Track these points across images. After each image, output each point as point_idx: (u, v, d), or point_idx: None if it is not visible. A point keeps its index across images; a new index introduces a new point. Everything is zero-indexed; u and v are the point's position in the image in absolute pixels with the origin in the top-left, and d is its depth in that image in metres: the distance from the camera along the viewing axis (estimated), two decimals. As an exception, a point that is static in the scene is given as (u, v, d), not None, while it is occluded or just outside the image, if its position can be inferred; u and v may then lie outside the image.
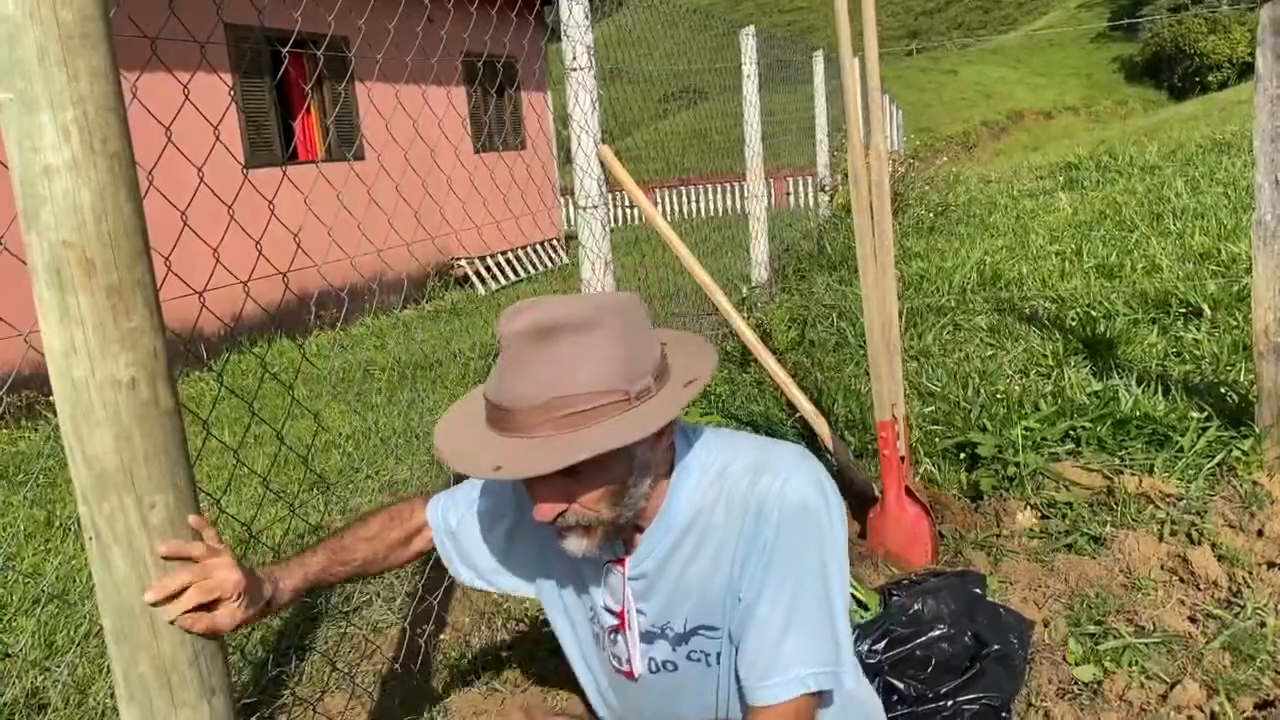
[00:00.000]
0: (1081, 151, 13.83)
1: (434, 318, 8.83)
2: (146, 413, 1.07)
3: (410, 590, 2.99)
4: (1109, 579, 2.68)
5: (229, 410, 5.76)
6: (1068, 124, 40.37)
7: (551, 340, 1.23)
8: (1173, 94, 42.96)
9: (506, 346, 1.27)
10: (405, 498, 1.77)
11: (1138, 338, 4.42)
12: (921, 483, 3.27)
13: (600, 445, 1.21)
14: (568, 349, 1.23)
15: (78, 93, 0.99)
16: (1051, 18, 60.17)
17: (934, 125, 37.22)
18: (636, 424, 1.24)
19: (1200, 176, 9.05)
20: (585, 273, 3.07)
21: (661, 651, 1.45)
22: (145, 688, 1.13)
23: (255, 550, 3.38)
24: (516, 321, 1.25)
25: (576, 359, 1.23)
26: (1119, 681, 2.26)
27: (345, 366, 6.82)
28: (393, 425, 4.93)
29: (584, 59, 2.87)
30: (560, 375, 1.23)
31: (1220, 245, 5.96)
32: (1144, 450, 3.24)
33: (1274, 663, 2.25)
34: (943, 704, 2.13)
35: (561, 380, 1.23)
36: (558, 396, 1.22)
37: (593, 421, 1.23)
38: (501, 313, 1.29)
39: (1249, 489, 2.96)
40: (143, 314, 1.06)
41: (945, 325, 5.17)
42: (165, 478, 1.10)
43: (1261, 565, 2.65)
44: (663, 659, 1.45)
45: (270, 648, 2.79)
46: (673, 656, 1.44)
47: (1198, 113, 20.06)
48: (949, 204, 10.09)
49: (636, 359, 1.27)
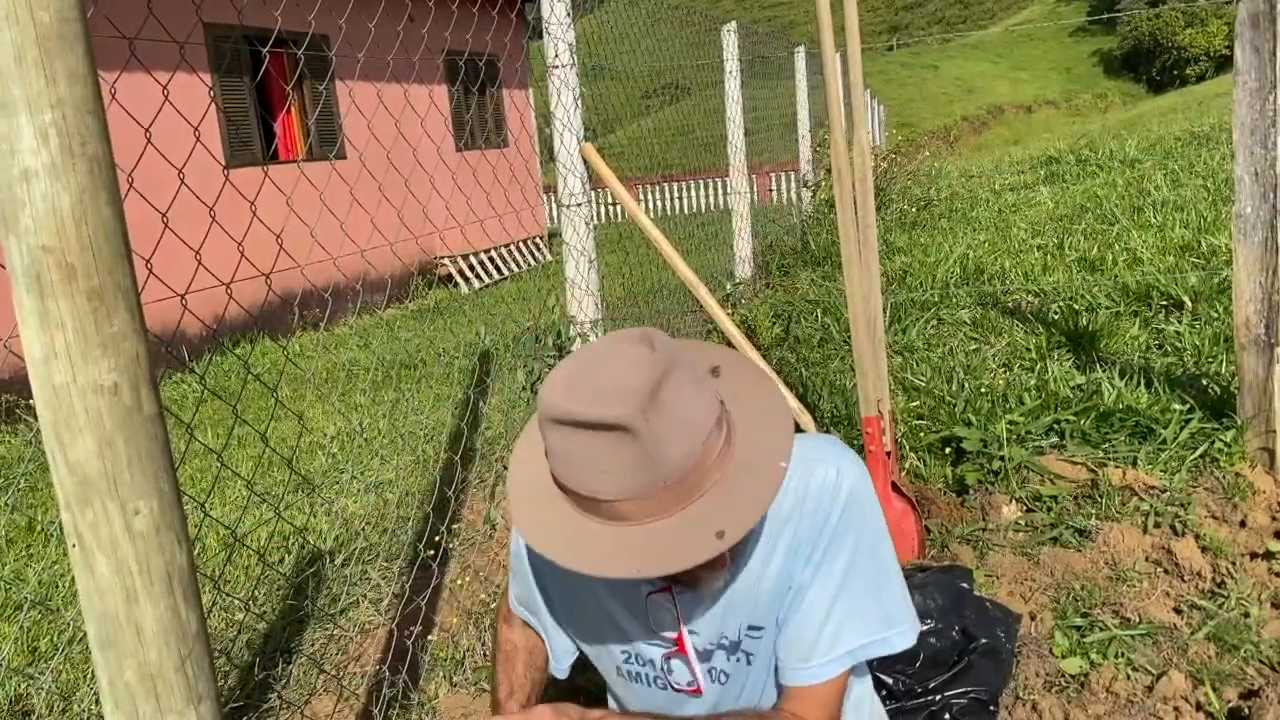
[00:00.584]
0: (1062, 145, 13.90)
1: (418, 317, 8.80)
2: (129, 418, 1.06)
3: (397, 591, 2.98)
4: (1094, 571, 2.69)
5: (212, 412, 5.73)
6: (1048, 118, 40.56)
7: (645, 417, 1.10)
8: (1151, 87, 43.23)
9: (572, 435, 1.13)
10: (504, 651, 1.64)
11: (1120, 331, 4.44)
12: (907, 477, 3.28)
13: (757, 501, 1.13)
14: (659, 423, 1.10)
15: (56, 95, 0.98)
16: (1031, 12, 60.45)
17: (915, 120, 37.33)
18: (771, 447, 1.17)
19: (1180, 169, 9.11)
20: (569, 271, 3.07)
21: (719, 662, 1.43)
22: (131, 695, 1.12)
23: (240, 554, 3.37)
24: (589, 409, 1.10)
25: (666, 428, 1.10)
26: (1105, 673, 2.27)
27: (329, 367, 6.79)
28: (377, 426, 4.91)
29: (566, 56, 2.86)
30: (659, 450, 1.10)
31: (1200, 238, 6.00)
32: (1127, 443, 3.26)
33: (1258, 653, 2.27)
34: (931, 698, 2.14)
35: (663, 454, 1.10)
36: (671, 475, 1.11)
37: (711, 476, 1.14)
38: (552, 395, 1.14)
39: (1231, 480, 2.98)
40: (124, 318, 1.05)
41: (929, 320, 5.18)
42: (149, 483, 1.09)
43: (1244, 556, 2.67)
44: (720, 669, 1.43)
45: (257, 651, 2.77)
46: (726, 666, 1.42)
47: (1176, 106, 20.19)
48: (931, 199, 10.12)
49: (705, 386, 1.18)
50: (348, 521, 3.61)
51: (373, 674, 2.62)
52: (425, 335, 7.54)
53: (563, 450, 1.14)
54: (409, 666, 2.56)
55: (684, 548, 1.12)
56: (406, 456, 4.27)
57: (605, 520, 1.15)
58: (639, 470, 1.10)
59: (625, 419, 1.08)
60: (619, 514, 1.13)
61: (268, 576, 3.21)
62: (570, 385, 1.13)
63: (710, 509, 1.13)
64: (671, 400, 1.11)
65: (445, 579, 3.08)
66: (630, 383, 1.10)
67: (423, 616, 2.75)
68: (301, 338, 8.24)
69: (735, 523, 1.12)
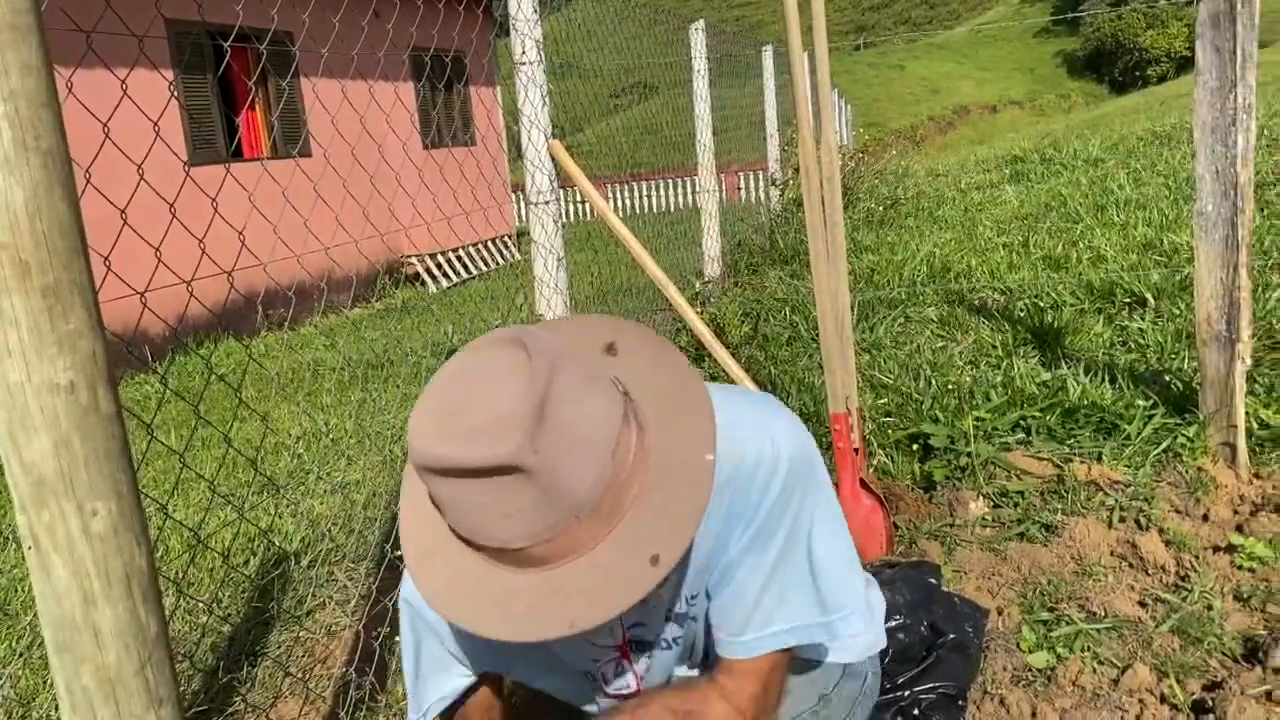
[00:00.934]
0: (1026, 145, 14.03)
1: (384, 316, 8.74)
2: (86, 417, 1.04)
3: (364, 593, 2.96)
4: (1060, 566, 2.72)
5: (175, 413, 5.65)
6: (1012, 118, 40.97)
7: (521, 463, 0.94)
8: (1114, 88, 43.77)
9: (457, 484, 0.97)
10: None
11: (1084, 328, 4.48)
12: (875, 474, 3.30)
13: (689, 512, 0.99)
14: (554, 451, 0.94)
15: (8, 88, 0.96)
16: (995, 13, 61.00)
17: (882, 120, 37.58)
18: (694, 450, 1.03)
19: (1142, 168, 9.22)
20: (538, 269, 3.05)
21: (670, 633, 1.36)
22: (89, 700, 1.10)
23: (204, 555, 3.32)
24: (467, 453, 0.93)
25: (563, 454, 0.95)
26: (1072, 667, 2.29)
27: (295, 367, 6.73)
28: (344, 426, 4.87)
29: (533, 53, 2.85)
30: (560, 483, 0.95)
31: (1163, 235, 6.07)
32: (1092, 438, 3.29)
33: (1221, 645, 2.29)
34: (900, 694, 2.14)
35: (566, 486, 0.95)
36: (583, 506, 0.97)
37: (630, 490, 1.00)
38: (421, 440, 0.97)
39: (1194, 475, 3.02)
40: (81, 316, 1.03)
41: (896, 318, 5.21)
42: (107, 484, 1.07)
43: (1207, 549, 2.70)
44: (670, 638, 1.37)
45: (221, 655, 2.74)
46: (677, 634, 1.36)
47: (1138, 106, 20.45)
48: (898, 197, 10.18)
49: (600, 384, 1.02)
50: (314, 523, 3.58)
51: (339, 676, 2.59)
52: (392, 335, 7.49)
53: (450, 500, 0.98)
54: (376, 668, 2.53)
55: (616, 585, 0.98)
56: (374, 457, 4.24)
57: (520, 568, 0.99)
58: (543, 509, 0.95)
59: (512, 458, 0.92)
60: (534, 560, 0.98)
61: (232, 579, 3.17)
62: (440, 423, 0.96)
63: (637, 531, 0.99)
64: (563, 417, 0.95)
65: (413, 579, 3.05)
66: (509, 408, 0.93)
67: (390, 618, 2.73)
68: (267, 337, 8.15)
69: (668, 542, 0.99)
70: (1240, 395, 2.98)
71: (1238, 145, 2.84)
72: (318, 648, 2.74)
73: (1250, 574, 2.56)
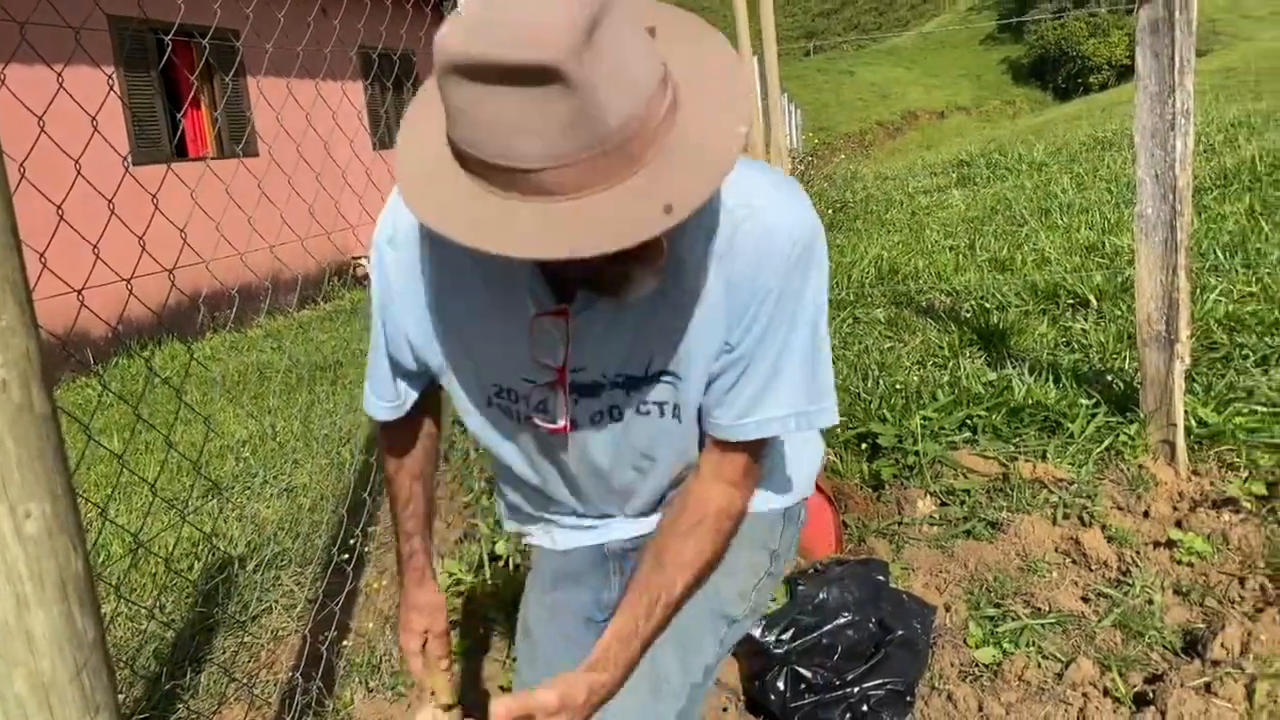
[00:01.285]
0: (973, 150, 14.23)
1: (333, 318, 8.64)
2: (19, 417, 1.01)
3: (311, 596, 2.92)
4: (1006, 563, 2.75)
5: (119, 416, 5.54)
6: (960, 123, 41.52)
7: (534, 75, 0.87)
8: (1057, 95, 44.52)
9: (484, 90, 0.89)
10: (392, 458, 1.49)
11: (1029, 328, 4.55)
12: (824, 473, 3.32)
13: (710, 172, 0.93)
14: (596, 72, 0.88)
15: (-63, 76, 0.93)
16: (943, 19, 61.83)
17: (831, 124, 37.89)
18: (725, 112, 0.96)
19: (1085, 173, 9.39)
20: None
21: (605, 402, 1.27)
22: (23, 706, 1.07)
23: (146, 560, 3.26)
24: (508, 51, 0.86)
25: (604, 78, 0.89)
26: (1017, 662, 2.32)
27: (240, 369, 6.62)
28: (291, 429, 4.80)
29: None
30: (597, 105, 0.89)
31: (1105, 238, 6.19)
32: (1037, 437, 3.34)
33: (1161, 638, 2.34)
34: (849, 690, 2.16)
35: (601, 111, 0.89)
36: (610, 137, 0.91)
37: (655, 144, 0.94)
38: (453, 40, 0.89)
39: (1135, 472, 3.07)
40: (13, 312, 1.00)
41: (845, 319, 5.25)
42: (41, 485, 1.04)
43: (1148, 545, 2.75)
44: (607, 407, 1.28)
45: (164, 661, 2.69)
46: (621, 403, 1.27)
47: (1081, 113, 20.81)
48: (847, 201, 10.27)
49: (646, 38, 0.96)
50: (260, 526, 3.52)
51: (285, 681, 2.56)
52: (341, 336, 7.40)
53: (471, 110, 0.91)
54: (323, 673, 2.50)
55: (626, 222, 0.92)
56: (321, 460, 4.18)
57: (526, 196, 0.94)
58: (572, 129, 0.89)
59: (557, 61, 0.86)
60: (543, 187, 0.93)
61: (175, 584, 3.11)
62: (478, 25, 0.88)
63: (655, 182, 0.94)
64: (609, 46, 0.90)
65: (360, 583, 3.02)
66: (558, 20, 0.87)
67: (337, 621, 2.70)
68: (212, 339, 8.02)
69: (686, 194, 0.93)
70: (1179, 394, 3.04)
71: (1176, 150, 2.90)
72: (263, 653, 2.70)
73: (1189, 568, 2.61)
